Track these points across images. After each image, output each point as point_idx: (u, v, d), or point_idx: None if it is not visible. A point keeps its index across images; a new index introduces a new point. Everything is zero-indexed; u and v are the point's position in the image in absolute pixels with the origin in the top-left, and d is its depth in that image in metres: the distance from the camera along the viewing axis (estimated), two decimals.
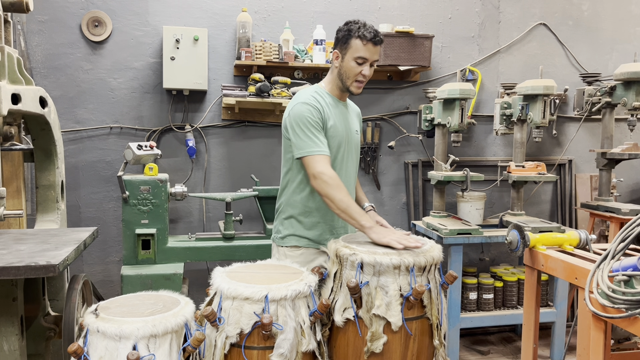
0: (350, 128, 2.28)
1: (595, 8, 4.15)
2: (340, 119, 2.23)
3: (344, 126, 2.24)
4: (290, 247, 2.26)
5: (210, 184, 3.63)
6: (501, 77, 4.02)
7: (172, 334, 1.54)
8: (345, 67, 2.17)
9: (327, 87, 2.27)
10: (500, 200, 4.08)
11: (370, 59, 2.15)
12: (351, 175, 2.31)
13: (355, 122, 2.35)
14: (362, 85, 2.20)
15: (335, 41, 2.22)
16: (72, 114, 3.42)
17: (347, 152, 2.25)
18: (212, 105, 3.58)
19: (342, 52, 2.17)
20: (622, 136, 4.17)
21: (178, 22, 3.48)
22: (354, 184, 2.36)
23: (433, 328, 1.82)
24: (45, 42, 3.35)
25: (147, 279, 2.87)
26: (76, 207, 3.46)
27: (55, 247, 1.95)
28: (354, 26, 2.13)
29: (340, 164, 2.23)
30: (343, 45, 2.16)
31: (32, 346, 2.20)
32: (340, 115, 2.24)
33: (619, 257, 1.60)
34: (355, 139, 2.32)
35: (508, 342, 3.89)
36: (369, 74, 2.17)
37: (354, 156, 2.31)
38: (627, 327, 1.47)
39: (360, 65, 2.14)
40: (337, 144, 2.20)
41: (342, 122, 2.24)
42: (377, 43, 2.14)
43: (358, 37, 2.11)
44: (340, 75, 2.20)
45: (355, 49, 2.12)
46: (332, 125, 2.18)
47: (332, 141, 2.18)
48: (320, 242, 2.24)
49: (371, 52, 2.13)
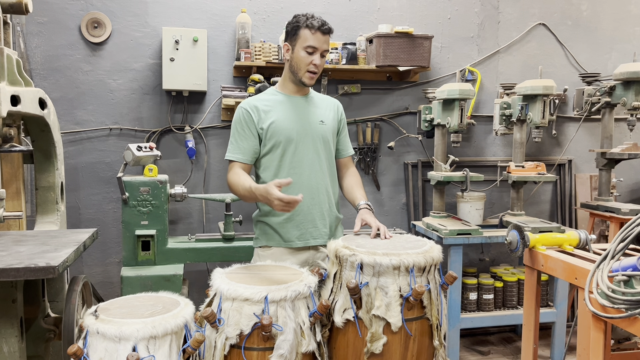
0: (308, 120, 2.27)
1: (594, 8, 4.15)
2: (290, 113, 2.24)
3: (296, 119, 2.24)
4: (262, 247, 2.30)
5: (210, 185, 3.63)
6: (500, 77, 4.02)
7: (171, 335, 1.54)
8: (296, 58, 2.19)
9: (279, 85, 2.33)
10: (500, 201, 4.08)
11: (320, 48, 2.18)
12: (315, 166, 2.26)
13: (320, 114, 2.32)
14: (314, 76, 2.22)
15: (285, 35, 2.26)
16: (72, 115, 3.42)
17: (303, 144, 2.24)
18: (212, 106, 3.59)
19: (292, 44, 2.20)
20: (621, 136, 4.17)
21: (177, 23, 3.49)
22: (325, 176, 2.30)
23: (433, 328, 1.82)
24: (44, 44, 3.35)
25: (146, 280, 2.87)
26: (76, 209, 3.46)
27: (55, 248, 1.95)
28: (302, 18, 2.18)
29: (292, 158, 2.23)
30: (293, 37, 2.20)
31: (31, 348, 2.20)
32: (291, 109, 2.25)
33: (619, 257, 1.60)
34: (319, 130, 2.28)
35: (508, 342, 3.89)
36: (320, 63, 2.19)
37: (317, 147, 2.27)
38: (627, 327, 1.47)
39: (311, 55, 2.17)
40: (285, 138, 2.21)
41: (294, 116, 2.24)
42: (326, 32, 2.17)
43: (306, 27, 2.15)
44: (292, 67, 2.23)
45: (304, 39, 2.16)
46: (273, 122, 2.21)
47: (276, 136, 2.21)
48: (290, 240, 2.25)
49: (320, 41, 2.16)
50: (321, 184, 2.27)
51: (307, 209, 2.24)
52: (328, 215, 2.30)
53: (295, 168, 2.22)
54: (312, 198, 2.24)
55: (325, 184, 2.29)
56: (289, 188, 2.16)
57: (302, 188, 2.19)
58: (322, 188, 2.28)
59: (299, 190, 2.20)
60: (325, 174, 2.30)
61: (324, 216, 2.28)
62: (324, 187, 2.29)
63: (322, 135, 2.29)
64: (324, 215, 2.28)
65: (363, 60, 3.63)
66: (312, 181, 2.25)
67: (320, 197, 2.27)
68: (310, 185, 2.23)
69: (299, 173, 2.22)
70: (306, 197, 2.22)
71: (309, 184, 2.23)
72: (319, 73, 2.23)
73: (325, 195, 2.28)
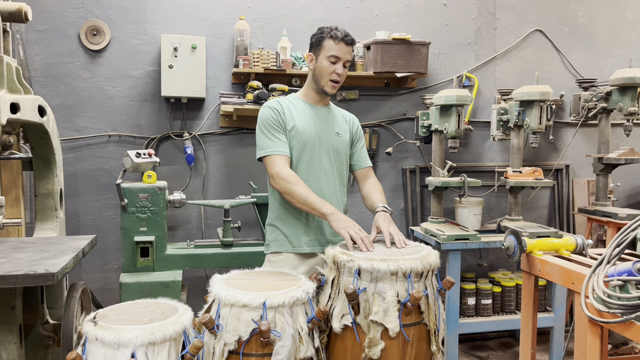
0: (326, 130, 2.30)
1: (590, 14, 4.18)
2: (310, 121, 2.27)
3: (314, 128, 2.27)
4: (273, 254, 2.31)
5: (209, 191, 3.64)
6: (498, 83, 4.04)
7: (170, 342, 1.54)
8: (319, 68, 2.24)
9: (302, 93, 2.37)
10: (498, 206, 4.09)
11: (343, 58, 2.22)
12: (328, 175, 2.30)
13: (337, 126, 2.36)
14: (337, 85, 2.26)
15: (309, 46, 2.30)
16: (71, 122, 3.43)
17: (318, 153, 2.27)
18: (210, 113, 3.60)
19: (316, 54, 2.25)
20: (618, 141, 4.19)
21: (176, 30, 3.50)
22: (336, 185, 2.33)
23: (431, 334, 1.83)
24: (44, 51, 3.37)
25: (145, 286, 2.88)
26: (75, 215, 3.46)
27: (54, 255, 1.96)
28: (326, 29, 2.23)
29: (308, 164, 2.25)
30: (317, 47, 2.25)
31: (30, 354, 2.20)
32: (312, 117, 2.29)
33: (615, 262, 1.61)
34: (334, 141, 2.32)
35: (507, 347, 3.89)
36: (342, 72, 2.24)
37: (331, 156, 2.30)
38: (623, 332, 1.47)
39: (334, 65, 2.21)
40: (302, 144, 2.24)
41: (313, 124, 2.27)
42: (349, 43, 2.22)
43: (330, 37, 2.20)
44: (315, 77, 2.27)
45: (328, 49, 2.20)
46: (294, 126, 2.24)
47: (294, 141, 2.24)
48: (299, 245, 2.27)
49: (343, 51, 2.21)
50: (332, 192, 2.31)
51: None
52: None
53: (310, 174, 2.26)
54: None
55: (335, 192, 2.32)
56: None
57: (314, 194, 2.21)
58: (333, 196, 2.30)
59: None
60: (336, 183, 2.34)
61: None
62: (334, 195, 2.32)
63: (336, 146, 2.33)
64: None
65: (361, 66, 3.65)
66: (324, 188, 2.28)
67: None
68: (322, 192, 2.25)
69: (313, 179, 2.25)
70: None
71: (321, 190, 2.25)
72: (341, 82, 2.28)
73: (335, 203, 2.30)
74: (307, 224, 2.27)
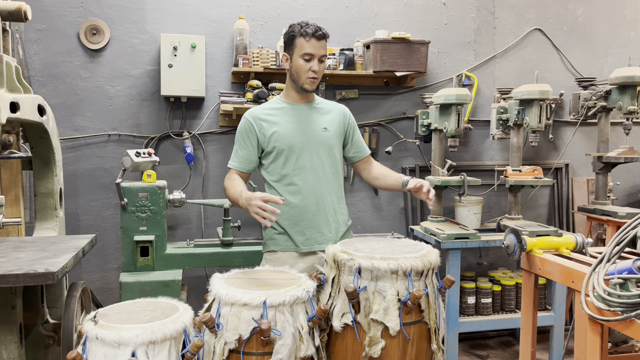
0: (311, 128, 2.31)
1: (589, 13, 4.18)
2: (294, 122, 2.29)
3: (299, 128, 2.28)
4: (269, 252, 2.33)
5: (209, 191, 3.64)
6: (497, 82, 4.04)
7: (170, 341, 1.54)
8: (295, 67, 2.24)
9: (283, 94, 2.39)
10: (498, 205, 4.09)
11: (317, 54, 2.22)
12: (320, 172, 2.30)
13: (324, 121, 2.35)
14: (315, 81, 2.26)
15: (283, 46, 2.31)
16: (71, 121, 3.43)
17: (306, 151, 2.28)
18: (210, 112, 3.60)
19: (290, 53, 2.26)
20: (618, 140, 4.19)
21: (175, 29, 3.50)
22: (331, 180, 2.34)
23: (431, 332, 1.83)
24: (43, 51, 3.37)
25: (145, 285, 2.87)
26: (75, 215, 3.46)
27: (54, 254, 1.96)
28: (296, 27, 2.23)
29: (295, 164, 2.27)
30: (290, 47, 2.26)
31: (31, 354, 2.20)
32: (295, 118, 2.30)
33: (615, 260, 1.61)
34: (322, 137, 2.32)
35: (507, 346, 3.90)
36: (318, 69, 2.24)
37: (320, 154, 2.31)
38: (623, 330, 1.48)
39: (308, 62, 2.22)
40: (287, 146, 2.26)
41: (296, 124, 2.29)
42: (320, 38, 2.22)
43: (301, 35, 2.21)
44: (293, 76, 2.28)
45: (301, 47, 2.21)
46: (275, 131, 2.26)
47: (279, 144, 2.27)
48: (295, 245, 2.27)
49: (316, 48, 2.21)
50: (325, 190, 2.30)
51: (312, 215, 2.27)
52: (333, 220, 2.32)
53: (299, 175, 2.27)
54: (316, 204, 2.28)
55: (329, 190, 2.32)
56: (295, 194, 2.20)
57: (306, 194, 2.24)
58: (327, 194, 2.31)
59: (303, 197, 2.24)
60: (330, 180, 2.33)
61: (329, 222, 2.31)
62: (328, 193, 2.32)
63: (325, 142, 2.32)
64: (329, 221, 2.31)
65: (360, 65, 3.64)
66: (316, 187, 2.28)
67: (325, 203, 2.30)
68: (314, 191, 2.26)
69: (303, 180, 2.27)
70: (311, 203, 2.27)
71: (313, 190, 2.26)
72: (319, 78, 2.27)
73: (329, 201, 2.31)
74: (303, 223, 2.27)
